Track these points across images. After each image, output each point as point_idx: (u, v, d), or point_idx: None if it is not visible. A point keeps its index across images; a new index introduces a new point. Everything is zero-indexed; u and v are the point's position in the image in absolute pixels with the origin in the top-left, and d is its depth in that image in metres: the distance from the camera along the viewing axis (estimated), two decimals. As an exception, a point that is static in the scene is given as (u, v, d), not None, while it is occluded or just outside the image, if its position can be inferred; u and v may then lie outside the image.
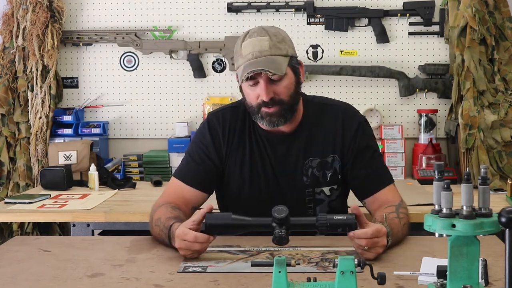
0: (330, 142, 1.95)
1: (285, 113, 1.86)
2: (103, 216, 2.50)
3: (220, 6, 3.41)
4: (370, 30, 3.36)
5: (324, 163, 1.95)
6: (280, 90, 1.84)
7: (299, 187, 1.95)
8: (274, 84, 1.83)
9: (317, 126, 1.96)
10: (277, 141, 1.95)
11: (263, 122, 1.88)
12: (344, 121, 1.96)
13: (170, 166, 3.27)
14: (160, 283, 1.48)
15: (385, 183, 1.94)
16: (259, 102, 1.84)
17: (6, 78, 3.31)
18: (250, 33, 1.86)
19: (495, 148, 2.89)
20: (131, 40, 3.40)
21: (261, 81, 1.82)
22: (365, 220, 1.63)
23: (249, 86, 1.85)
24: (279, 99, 1.84)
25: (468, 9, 2.98)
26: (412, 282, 1.44)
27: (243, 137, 1.97)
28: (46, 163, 3.25)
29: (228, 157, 1.96)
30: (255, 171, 1.96)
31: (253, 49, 1.82)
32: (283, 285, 1.25)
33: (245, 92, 1.90)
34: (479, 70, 2.98)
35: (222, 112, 2.01)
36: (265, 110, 1.85)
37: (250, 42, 1.83)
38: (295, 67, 1.89)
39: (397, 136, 3.27)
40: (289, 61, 1.86)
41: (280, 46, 1.84)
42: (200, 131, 2.01)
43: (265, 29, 1.86)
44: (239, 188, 1.97)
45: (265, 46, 1.82)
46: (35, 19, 3.27)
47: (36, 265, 1.65)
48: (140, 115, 3.47)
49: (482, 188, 1.19)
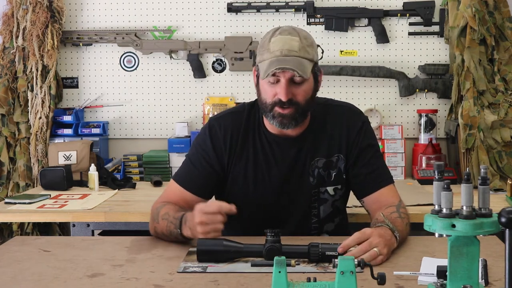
0: (335, 141, 1.96)
1: (298, 116, 1.86)
2: (103, 216, 2.50)
3: (220, 6, 3.41)
4: (370, 30, 3.36)
5: (329, 163, 1.95)
6: (299, 92, 1.83)
7: (306, 188, 1.95)
8: (294, 86, 1.83)
9: (322, 127, 1.97)
10: (286, 144, 1.95)
11: (274, 122, 1.87)
12: (349, 120, 1.97)
13: (170, 166, 3.26)
14: (160, 283, 1.48)
15: (385, 183, 1.95)
16: (275, 101, 1.83)
17: (6, 78, 3.31)
18: (281, 30, 1.85)
19: (495, 148, 2.89)
20: (131, 40, 3.40)
21: (283, 80, 1.81)
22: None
23: (268, 83, 1.84)
24: (296, 101, 1.83)
25: (468, 9, 2.98)
26: (412, 282, 1.44)
27: (246, 141, 1.95)
28: (46, 163, 3.25)
29: (231, 163, 1.95)
30: (260, 174, 1.95)
31: (283, 46, 1.80)
32: (283, 285, 1.25)
33: (262, 88, 1.87)
34: (479, 70, 2.99)
35: (224, 118, 1.99)
36: (279, 110, 1.84)
37: (281, 39, 1.81)
38: (317, 74, 1.89)
39: (397, 136, 3.27)
40: (313, 66, 1.86)
41: (309, 50, 1.83)
42: (201, 136, 2.00)
43: (296, 30, 1.85)
44: (244, 194, 1.96)
45: (295, 47, 1.80)
46: (35, 19, 3.27)
47: (36, 265, 1.65)
48: (140, 115, 3.47)
49: (482, 188, 1.19)
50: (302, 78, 1.81)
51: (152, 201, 1.99)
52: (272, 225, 1.70)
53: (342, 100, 2.11)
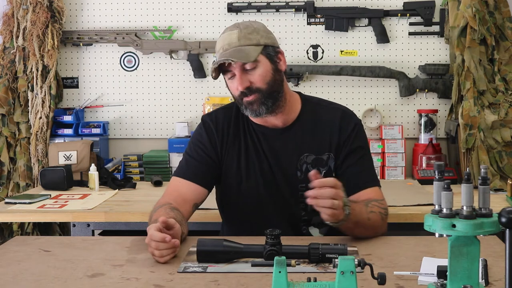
0: (326, 140, 1.99)
1: (265, 100, 1.92)
2: (103, 216, 2.50)
3: (220, 6, 3.41)
4: (370, 30, 3.36)
5: (319, 160, 1.99)
6: (255, 78, 1.91)
7: (293, 182, 1.99)
8: (248, 73, 1.91)
9: (314, 123, 2.01)
10: (272, 135, 2.01)
11: (247, 112, 1.95)
12: (342, 121, 2.01)
13: (170, 166, 3.26)
14: (160, 283, 1.48)
15: (371, 184, 1.97)
16: (239, 93, 1.93)
17: (6, 78, 3.31)
18: (224, 29, 1.95)
19: (495, 148, 2.89)
20: (131, 40, 3.40)
21: (236, 72, 1.90)
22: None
23: (228, 80, 1.95)
24: (255, 88, 1.91)
25: (468, 9, 2.98)
26: (412, 282, 1.44)
27: (237, 134, 2.02)
28: (46, 163, 3.25)
29: (224, 154, 2.01)
30: (251, 166, 2.00)
31: (223, 43, 1.91)
32: (283, 285, 1.25)
33: (228, 86, 1.98)
34: (479, 70, 2.99)
35: (216, 112, 2.09)
36: (245, 99, 1.92)
37: (222, 38, 1.93)
38: (271, 55, 1.94)
39: (397, 136, 3.27)
40: (262, 49, 1.91)
41: (250, 36, 1.90)
42: (197, 131, 2.08)
43: (237, 24, 1.95)
44: (237, 184, 2.01)
45: (234, 39, 1.90)
46: (35, 19, 3.27)
47: (36, 265, 1.65)
48: (140, 115, 3.47)
49: (482, 188, 1.19)
50: (252, 63, 1.88)
51: (152, 201, 2.00)
52: (264, 216, 1.83)
53: (342, 100, 2.12)
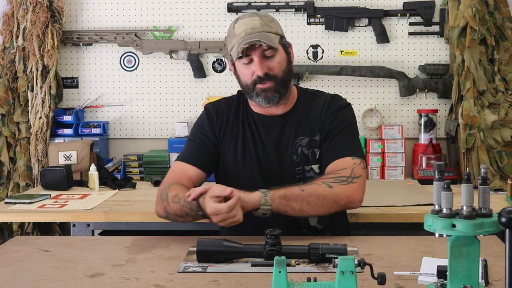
0: (316, 121, 2.04)
1: (279, 88, 1.97)
2: (103, 216, 2.50)
3: (220, 6, 3.41)
4: (370, 30, 3.36)
5: (313, 142, 2.02)
6: (274, 65, 1.95)
7: (290, 165, 2.02)
8: (268, 60, 1.95)
9: (307, 109, 2.06)
10: (270, 123, 2.05)
11: (259, 100, 1.98)
12: (330, 103, 2.06)
13: (170, 166, 3.26)
14: (160, 283, 1.48)
15: (342, 155, 1.96)
16: (254, 79, 1.95)
17: (6, 78, 3.31)
18: (241, 16, 2.01)
19: (495, 148, 2.89)
20: (131, 40, 3.40)
21: (255, 57, 1.93)
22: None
23: (243, 65, 1.97)
24: (273, 74, 1.95)
25: (468, 9, 2.98)
26: (412, 282, 1.44)
27: (236, 122, 2.07)
28: (46, 163, 3.25)
29: (222, 139, 2.07)
30: (248, 152, 2.04)
31: (246, 27, 1.94)
32: (283, 285, 1.25)
33: (240, 72, 2.00)
34: (479, 70, 2.98)
35: (218, 101, 2.15)
36: (260, 86, 1.95)
37: (242, 22, 1.96)
38: (286, 46, 2.01)
39: (397, 136, 3.27)
40: (280, 39, 1.98)
41: (271, 25, 1.97)
42: (199, 118, 2.13)
43: (255, 12, 2.04)
44: (234, 169, 2.05)
45: (257, 24, 1.94)
46: (35, 19, 3.27)
47: (36, 265, 1.65)
48: (140, 115, 3.47)
49: (482, 188, 1.19)
50: (272, 50, 1.93)
51: (152, 201, 2.01)
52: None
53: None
